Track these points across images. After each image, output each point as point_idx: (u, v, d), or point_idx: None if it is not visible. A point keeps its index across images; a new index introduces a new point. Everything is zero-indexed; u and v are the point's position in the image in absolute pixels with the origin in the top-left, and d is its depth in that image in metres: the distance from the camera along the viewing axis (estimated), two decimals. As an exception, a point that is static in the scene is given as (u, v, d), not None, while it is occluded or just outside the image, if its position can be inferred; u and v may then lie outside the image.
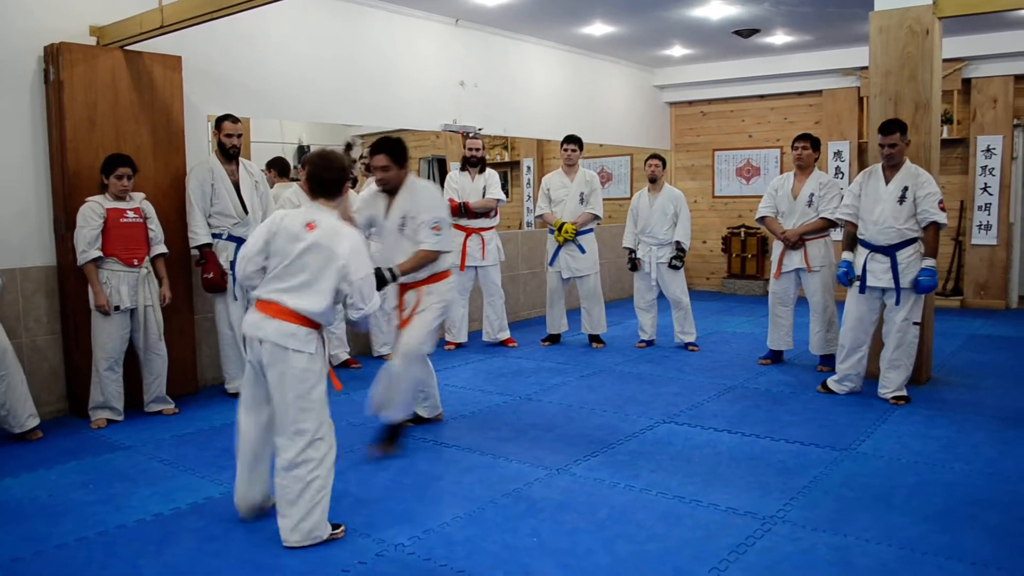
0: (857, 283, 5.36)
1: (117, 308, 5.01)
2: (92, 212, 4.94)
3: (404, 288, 4.64)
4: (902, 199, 5.19)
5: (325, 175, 3.50)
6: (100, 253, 4.94)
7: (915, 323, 5.26)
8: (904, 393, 5.36)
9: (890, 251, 5.24)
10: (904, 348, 5.30)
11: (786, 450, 4.44)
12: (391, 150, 4.44)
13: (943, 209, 5.15)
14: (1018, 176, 9.34)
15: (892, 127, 5.21)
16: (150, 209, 5.22)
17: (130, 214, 5.08)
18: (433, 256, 4.52)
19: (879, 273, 5.27)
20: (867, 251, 5.34)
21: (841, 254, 5.50)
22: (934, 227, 5.17)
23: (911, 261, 5.19)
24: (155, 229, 5.22)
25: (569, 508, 3.67)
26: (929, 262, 5.15)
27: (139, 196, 5.18)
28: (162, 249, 5.25)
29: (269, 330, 3.30)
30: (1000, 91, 9.15)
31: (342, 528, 3.43)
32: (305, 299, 3.32)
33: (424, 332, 4.54)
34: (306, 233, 3.35)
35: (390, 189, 4.54)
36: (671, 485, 3.92)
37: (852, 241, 5.47)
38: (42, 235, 5.23)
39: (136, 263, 5.08)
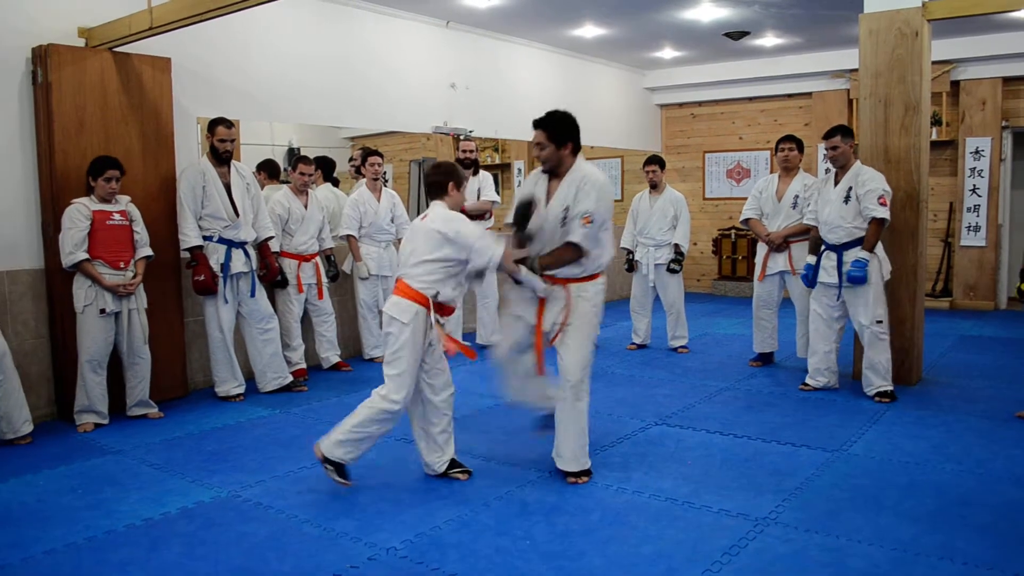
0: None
1: (103, 311, 4.97)
2: (79, 214, 4.89)
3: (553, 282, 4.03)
4: (847, 199, 5.33)
5: (428, 179, 4.09)
6: (87, 255, 4.89)
7: (878, 321, 5.34)
8: (887, 388, 5.39)
9: (839, 249, 5.38)
10: (875, 347, 5.38)
11: (778, 451, 4.45)
12: (547, 124, 4.07)
13: (884, 204, 5.22)
14: (1006, 178, 9.40)
15: (832, 132, 5.46)
16: (135, 212, 5.18)
17: (116, 216, 5.04)
18: (574, 255, 3.91)
19: (830, 270, 5.43)
20: (825, 249, 5.51)
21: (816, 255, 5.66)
22: (875, 223, 5.25)
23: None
24: (140, 232, 5.18)
25: (561, 510, 3.66)
26: (863, 254, 5.25)
27: (124, 199, 5.14)
28: (147, 252, 5.21)
29: None
30: (988, 93, 9.19)
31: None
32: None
33: (586, 352, 3.99)
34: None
35: (550, 170, 4.10)
36: (663, 487, 3.92)
37: (818, 244, 5.60)
38: (30, 238, 5.19)
39: (122, 266, 5.05)
